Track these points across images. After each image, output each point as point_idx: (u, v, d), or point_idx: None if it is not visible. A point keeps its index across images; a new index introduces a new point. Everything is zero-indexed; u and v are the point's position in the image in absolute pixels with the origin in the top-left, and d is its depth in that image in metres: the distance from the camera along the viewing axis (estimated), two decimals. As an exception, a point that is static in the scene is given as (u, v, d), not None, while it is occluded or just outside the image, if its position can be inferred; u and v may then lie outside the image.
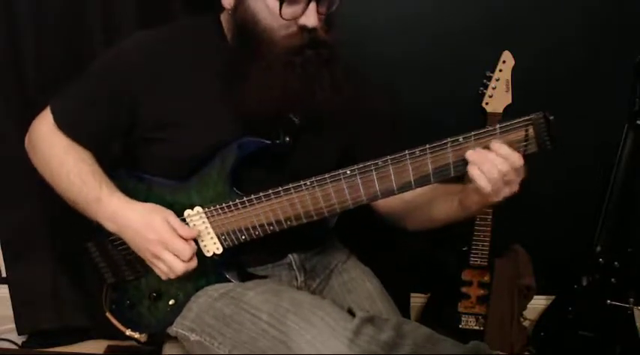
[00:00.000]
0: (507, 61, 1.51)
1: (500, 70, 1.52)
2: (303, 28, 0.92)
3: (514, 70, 1.52)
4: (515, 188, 0.89)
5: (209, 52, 1.01)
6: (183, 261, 0.95)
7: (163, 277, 0.98)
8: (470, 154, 0.86)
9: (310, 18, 0.91)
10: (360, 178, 0.90)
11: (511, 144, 0.85)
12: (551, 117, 0.83)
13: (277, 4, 0.90)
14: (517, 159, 0.85)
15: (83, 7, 1.49)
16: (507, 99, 1.53)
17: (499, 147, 0.85)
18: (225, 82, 0.98)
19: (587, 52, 1.60)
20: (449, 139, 0.86)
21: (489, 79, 1.54)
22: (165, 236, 0.94)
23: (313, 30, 0.92)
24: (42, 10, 1.50)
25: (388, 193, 0.91)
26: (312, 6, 0.90)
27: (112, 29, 1.51)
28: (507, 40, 1.56)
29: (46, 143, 1.05)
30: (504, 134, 0.85)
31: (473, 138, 0.85)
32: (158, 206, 0.99)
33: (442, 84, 1.64)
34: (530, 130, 0.84)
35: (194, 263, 0.97)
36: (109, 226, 0.99)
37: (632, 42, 1.58)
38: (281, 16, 0.91)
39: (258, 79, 0.95)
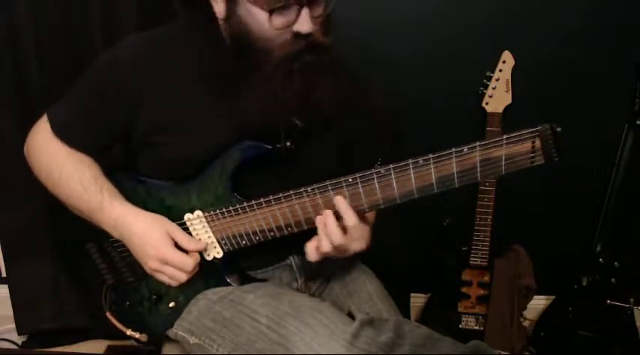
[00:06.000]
0: (507, 61, 1.51)
1: (500, 70, 1.52)
2: (297, 35, 0.88)
3: (514, 70, 1.52)
4: (362, 245, 0.94)
5: (206, 54, 0.98)
6: (185, 272, 0.95)
7: (167, 284, 0.98)
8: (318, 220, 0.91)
9: (304, 24, 0.87)
10: (362, 186, 0.89)
11: (517, 156, 0.83)
12: (558, 129, 0.81)
13: (267, 14, 0.86)
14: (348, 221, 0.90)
15: (84, 7, 1.49)
16: (507, 99, 1.53)
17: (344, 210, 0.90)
18: (224, 89, 0.96)
19: (587, 52, 1.60)
20: (453, 149, 0.84)
21: (489, 79, 1.54)
22: (163, 252, 0.94)
23: (309, 35, 0.88)
24: (42, 10, 1.50)
25: (390, 201, 0.89)
26: (305, 11, 0.87)
27: (113, 29, 1.51)
28: (507, 40, 1.56)
29: (45, 152, 1.04)
30: (510, 145, 0.82)
31: (478, 149, 0.83)
32: (162, 218, 0.98)
33: (442, 84, 1.64)
34: (537, 142, 0.81)
35: (196, 271, 0.97)
36: (113, 233, 0.99)
37: (633, 42, 1.58)
38: (273, 27, 0.88)
39: (257, 89, 0.92)
